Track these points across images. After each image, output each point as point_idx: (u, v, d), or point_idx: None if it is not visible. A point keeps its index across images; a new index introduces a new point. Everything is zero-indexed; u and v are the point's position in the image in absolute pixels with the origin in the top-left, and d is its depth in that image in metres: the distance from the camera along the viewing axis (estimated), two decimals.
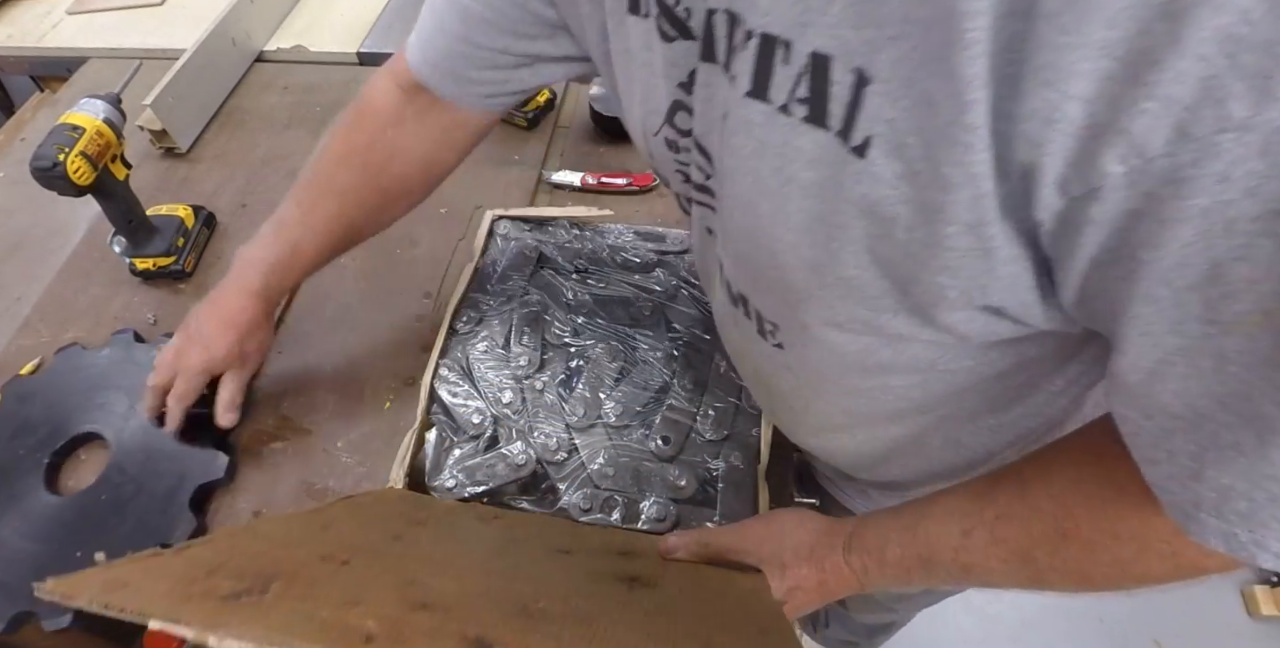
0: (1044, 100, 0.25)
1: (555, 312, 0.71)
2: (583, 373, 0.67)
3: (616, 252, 0.75)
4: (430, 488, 0.62)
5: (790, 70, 0.31)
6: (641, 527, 0.59)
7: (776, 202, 0.35)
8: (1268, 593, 1.38)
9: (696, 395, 0.64)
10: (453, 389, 0.67)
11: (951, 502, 0.45)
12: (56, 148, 0.69)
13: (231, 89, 1.07)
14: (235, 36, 1.06)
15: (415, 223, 0.88)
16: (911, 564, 0.45)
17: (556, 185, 0.92)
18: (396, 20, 1.14)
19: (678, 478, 0.60)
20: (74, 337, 0.78)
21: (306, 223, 0.64)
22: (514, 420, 0.64)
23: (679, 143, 0.44)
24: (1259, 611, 1.37)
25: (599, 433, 0.63)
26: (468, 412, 0.65)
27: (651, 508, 0.60)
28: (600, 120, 0.96)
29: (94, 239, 0.88)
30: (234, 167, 0.97)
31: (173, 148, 0.97)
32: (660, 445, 0.62)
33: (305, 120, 1.02)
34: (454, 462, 0.63)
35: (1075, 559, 0.40)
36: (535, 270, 0.75)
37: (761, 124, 0.34)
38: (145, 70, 0.90)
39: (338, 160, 0.64)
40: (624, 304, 0.71)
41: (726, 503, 0.59)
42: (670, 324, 0.69)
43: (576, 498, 0.60)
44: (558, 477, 0.62)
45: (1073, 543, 0.39)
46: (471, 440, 0.64)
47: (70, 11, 1.21)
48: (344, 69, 1.10)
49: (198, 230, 0.86)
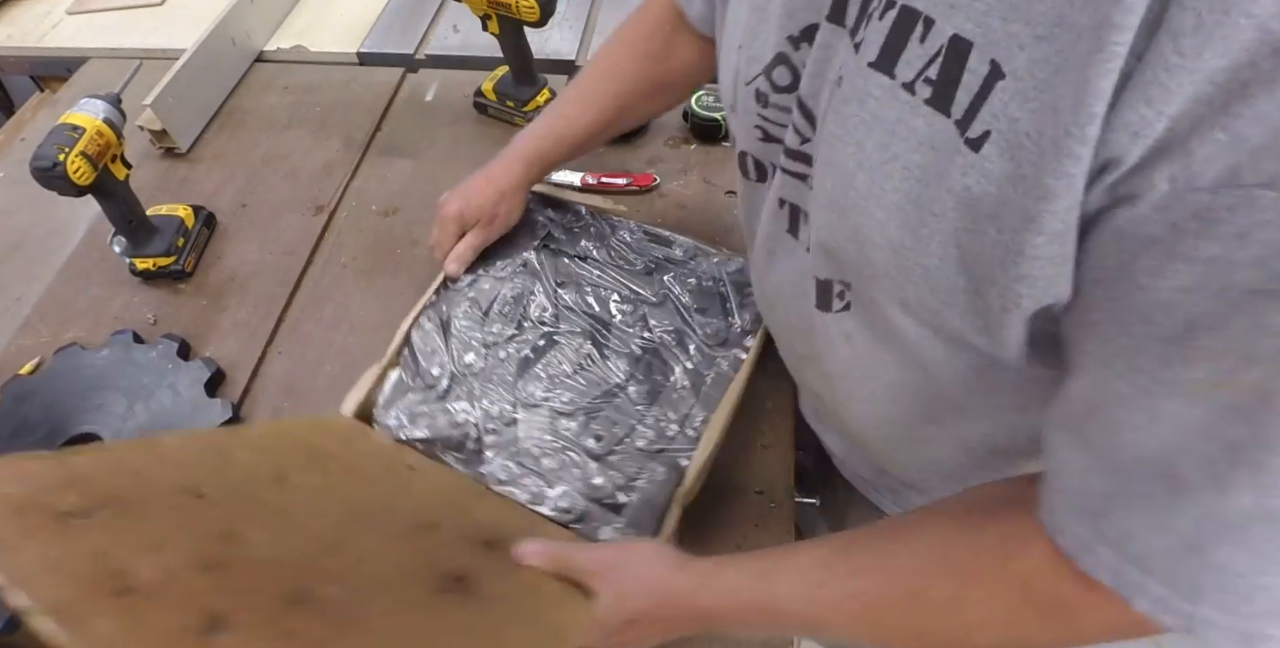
0: (1139, 116, 0.25)
1: (543, 291, 0.72)
2: (546, 355, 0.68)
3: (621, 249, 0.75)
4: (374, 421, 0.66)
5: (925, 49, 0.31)
6: (547, 513, 0.60)
7: (876, 178, 0.35)
8: None
9: (645, 404, 0.64)
10: (426, 338, 0.69)
11: (812, 551, 0.45)
12: (56, 148, 0.69)
13: (231, 89, 1.07)
14: (235, 36, 1.06)
15: (415, 223, 0.88)
16: (761, 610, 0.44)
17: (556, 185, 0.92)
18: (396, 20, 1.14)
19: (596, 475, 0.61)
20: (74, 337, 0.78)
21: (584, 99, 0.70)
22: (469, 382, 0.67)
23: (770, 97, 0.44)
24: None
25: (542, 415, 0.64)
26: (431, 363, 0.68)
27: (563, 498, 0.60)
28: None
29: (94, 239, 0.88)
30: (234, 167, 0.97)
31: (173, 148, 0.97)
32: (593, 442, 0.62)
33: (305, 120, 1.02)
34: (404, 405, 0.66)
35: (921, 620, 0.39)
36: (540, 246, 0.75)
37: (879, 97, 0.33)
38: (145, 70, 0.90)
39: (621, 48, 0.69)
40: (607, 301, 0.71)
41: (634, 515, 0.59)
42: (648, 327, 0.69)
43: (497, 467, 0.62)
44: (489, 444, 0.63)
45: (922, 604, 0.39)
46: (426, 389, 0.66)
47: (70, 11, 1.21)
48: (344, 69, 1.10)
49: (198, 230, 0.86)
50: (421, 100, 1.04)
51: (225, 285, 0.84)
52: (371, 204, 0.91)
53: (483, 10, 0.86)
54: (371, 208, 0.91)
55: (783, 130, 0.44)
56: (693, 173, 0.92)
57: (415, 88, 1.06)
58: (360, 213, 0.91)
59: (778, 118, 0.45)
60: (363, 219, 0.90)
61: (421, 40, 1.11)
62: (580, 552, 0.52)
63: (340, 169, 0.95)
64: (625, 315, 0.70)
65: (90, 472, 0.46)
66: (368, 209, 0.91)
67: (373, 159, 0.97)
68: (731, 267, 0.72)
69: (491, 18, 0.87)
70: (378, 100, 1.03)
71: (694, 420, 0.63)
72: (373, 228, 0.89)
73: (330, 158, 0.97)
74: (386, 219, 0.90)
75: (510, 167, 0.71)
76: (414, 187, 0.93)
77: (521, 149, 0.71)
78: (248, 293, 0.83)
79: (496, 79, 0.98)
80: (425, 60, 1.09)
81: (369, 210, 0.91)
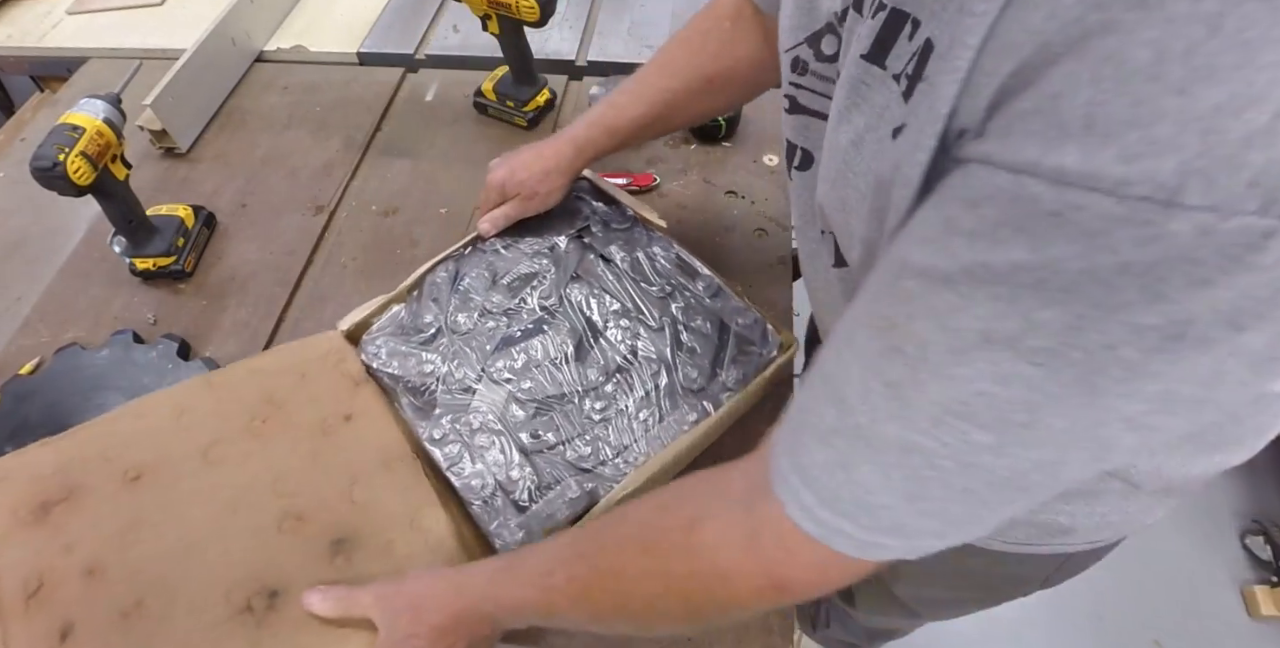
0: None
1: (555, 279, 0.72)
2: (529, 340, 0.68)
3: (647, 265, 0.73)
4: (357, 342, 0.70)
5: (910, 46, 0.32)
6: (458, 484, 0.62)
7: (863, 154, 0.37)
8: (1268, 593, 1.38)
9: (593, 421, 0.64)
10: (434, 287, 0.72)
11: (549, 544, 0.48)
12: (56, 148, 0.69)
13: (231, 89, 1.07)
14: (235, 36, 1.06)
15: (415, 223, 0.88)
16: (521, 606, 0.46)
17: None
18: (396, 20, 1.14)
19: (515, 469, 0.61)
20: (74, 337, 0.78)
21: (635, 91, 0.69)
22: (451, 340, 0.69)
23: (810, 65, 0.44)
24: (1259, 611, 1.37)
25: (500, 394, 0.65)
26: (428, 310, 0.71)
27: (476, 476, 0.62)
28: None
29: (94, 239, 0.88)
30: (234, 166, 0.97)
31: (173, 148, 0.97)
32: (528, 438, 0.63)
33: (305, 120, 1.02)
34: (390, 340, 0.70)
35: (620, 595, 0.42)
36: (575, 235, 0.75)
37: (871, 84, 0.35)
38: (145, 70, 0.90)
39: (678, 41, 0.69)
40: (609, 310, 0.70)
41: (530, 523, 0.59)
42: (634, 349, 0.67)
43: (439, 425, 0.64)
44: (442, 402, 0.66)
45: (620, 581, 0.42)
46: (415, 333, 0.70)
47: (70, 11, 1.21)
48: (344, 69, 1.09)
49: (198, 230, 0.86)
50: (421, 100, 1.04)
51: (225, 285, 0.84)
52: (371, 204, 0.91)
53: (483, 10, 0.86)
54: (371, 208, 0.91)
55: (816, 100, 0.44)
56: (693, 173, 0.92)
57: (415, 88, 1.06)
58: (360, 213, 0.91)
59: (814, 86, 0.44)
60: (363, 219, 0.90)
61: (421, 40, 1.11)
62: (360, 591, 0.53)
63: (340, 169, 0.95)
64: (619, 330, 0.69)
65: (68, 457, 0.60)
66: (368, 209, 0.91)
67: (373, 159, 0.97)
68: (746, 319, 0.69)
69: (491, 18, 0.87)
70: (378, 100, 1.04)
71: (631, 454, 0.62)
72: (373, 228, 0.89)
73: (330, 158, 0.97)
74: (386, 219, 0.90)
75: (560, 148, 0.71)
76: (414, 186, 0.93)
77: (572, 134, 0.71)
78: (248, 293, 0.83)
79: (496, 79, 0.98)
80: (425, 60, 1.09)
81: (369, 210, 0.91)
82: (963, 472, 0.30)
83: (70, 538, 0.56)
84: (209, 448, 0.62)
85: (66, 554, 0.55)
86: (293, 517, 0.59)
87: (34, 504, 0.57)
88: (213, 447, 0.62)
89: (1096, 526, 0.54)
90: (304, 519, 0.59)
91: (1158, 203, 0.22)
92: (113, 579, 0.54)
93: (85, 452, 0.61)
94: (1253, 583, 1.41)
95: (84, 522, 0.57)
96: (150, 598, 0.53)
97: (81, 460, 0.60)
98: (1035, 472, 0.30)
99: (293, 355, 0.69)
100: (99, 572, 0.54)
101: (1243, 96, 0.20)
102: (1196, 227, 0.22)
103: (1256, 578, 1.42)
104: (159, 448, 0.62)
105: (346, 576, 0.56)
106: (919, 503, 0.32)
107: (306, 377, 0.67)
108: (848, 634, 1.11)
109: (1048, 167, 0.23)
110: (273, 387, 0.66)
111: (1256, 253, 0.22)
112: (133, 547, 0.56)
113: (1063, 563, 0.61)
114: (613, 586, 0.42)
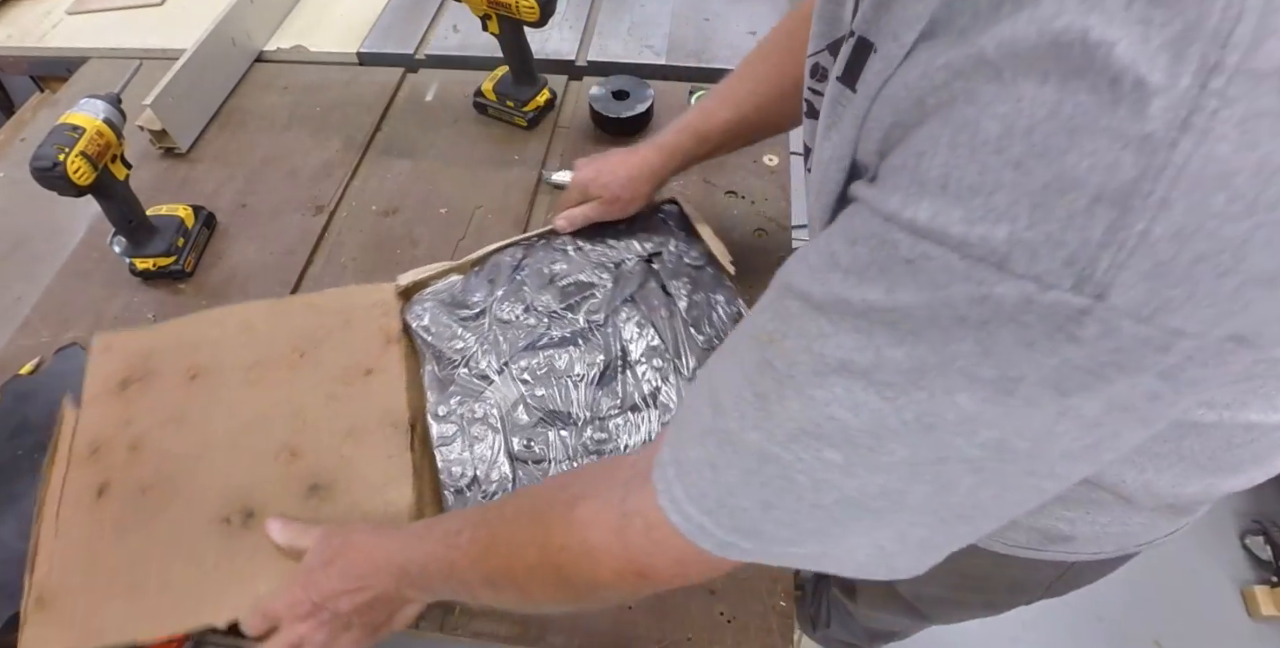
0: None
1: (608, 295, 0.71)
2: (561, 348, 0.67)
3: (701, 314, 0.71)
4: (400, 290, 0.73)
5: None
6: (439, 463, 0.64)
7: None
8: (1267, 593, 1.38)
9: (585, 450, 0.63)
10: (496, 268, 0.74)
11: (466, 510, 0.50)
12: (56, 148, 0.69)
13: (231, 89, 1.07)
14: (235, 36, 1.06)
15: (415, 223, 0.88)
16: (428, 562, 0.48)
17: (557, 186, 0.92)
18: (396, 20, 1.14)
19: (498, 470, 0.62)
20: (74, 337, 0.78)
21: (724, 95, 0.69)
22: (489, 327, 0.69)
23: (829, 72, 0.44)
24: (1259, 611, 1.37)
25: (512, 394, 0.65)
26: (479, 290, 0.72)
27: (458, 464, 0.62)
28: (600, 120, 0.96)
29: (94, 239, 0.88)
30: (234, 167, 0.97)
31: (173, 148, 0.97)
32: (519, 445, 0.63)
33: (305, 120, 1.02)
34: (434, 309, 0.71)
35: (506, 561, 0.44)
36: (646, 259, 0.74)
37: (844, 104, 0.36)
38: (145, 70, 0.90)
39: (769, 44, 0.68)
40: (648, 345, 0.68)
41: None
42: (658, 390, 0.66)
43: (445, 404, 0.65)
44: (460, 381, 0.67)
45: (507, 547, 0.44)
46: (460, 308, 0.71)
47: (70, 11, 1.21)
48: (344, 69, 1.10)
49: (198, 230, 0.86)
50: (421, 100, 1.04)
51: (225, 285, 0.84)
52: (371, 204, 0.91)
53: (483, 10, 0.86)
54: (371, 208, 0.91)
55: None
56: (693, 173, 0.91)
57: (415, 88, 1.06)
58: (360, 213, 0.91)
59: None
60: (363, 219, 0.90)
61: (421, 40, 1.11)
62: (311, 529, 0.57)
63: (340, 169, 0.95)
64: (650, 368, 0.67)
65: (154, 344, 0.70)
66: (368, 209, 0.91)
67: (373, 159, 0.97)
68: None
69: (491, 18, 0.87)
70: (377, 100, 1.04)
71: None
72: (373, 228, 0.89)
73: (330, 158, 0.97)
74: (386, 219, 0.90)
75: (647, 155, 0.71)
76: (414, 187, 0.93)
77: (660, 140, 0.71)
78: (248, 293, 0.83)
79: (496, 79, 0.98)
80: (425, 60, 1.09)
81: (369, 210, 0.91)
82: (814, 487, 0.31)
83: (131, 414, 0.66)
84: (251, 367, 0.68)
85: (124, 427, 0.65)
86: (289, 451, 0.64)
87: (120, 378, 0.68)
88: (254, 367, 0.68)
89: (1097, 535, 0.54)
90: (297, 456, 0.63)
91: (991, 265, 0.23)
92: (145, 459, 0.63)
93: (168, 343, 0.70)
94: (1253, 583, 1.41)
95: (145, 404, 0.66)
96: (162, 484, 0.62)
97: (162, 350, 0.69)
98: (881, 496, 0.31)
99: (345, 300, 0.74)
100: (138, 450, 0.63)
101: (1067, 178, 0.22)
102: (1021, 293, 0.23)
103: (1256, 578, 1.42)
104: (218, 356, 0.69)
105: (314, 517, 0.60)
106: (773, 511, 0.33)
107: (349, 323, 0.71)
108: (848, 634, 1.11)
109: (906, 218, 0.25)
110: (318, 325, 0.71)
111: (1075, 326, 0.23)
112: (169, 437, 0.64)
113: (1064, 572, 0.61)
114: (505, 550, 0.44)
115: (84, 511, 0.61)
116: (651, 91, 0.96)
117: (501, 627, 0.62)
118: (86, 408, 0.67)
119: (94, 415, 0.66)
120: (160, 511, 0.61)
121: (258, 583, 0.57)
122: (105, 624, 0.56)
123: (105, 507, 0.61)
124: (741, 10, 1.13)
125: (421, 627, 0.62)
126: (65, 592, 0.57)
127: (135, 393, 0.67)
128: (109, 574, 0.58)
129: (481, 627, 0.62)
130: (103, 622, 0.56)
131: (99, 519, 0.60)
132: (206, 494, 0.62)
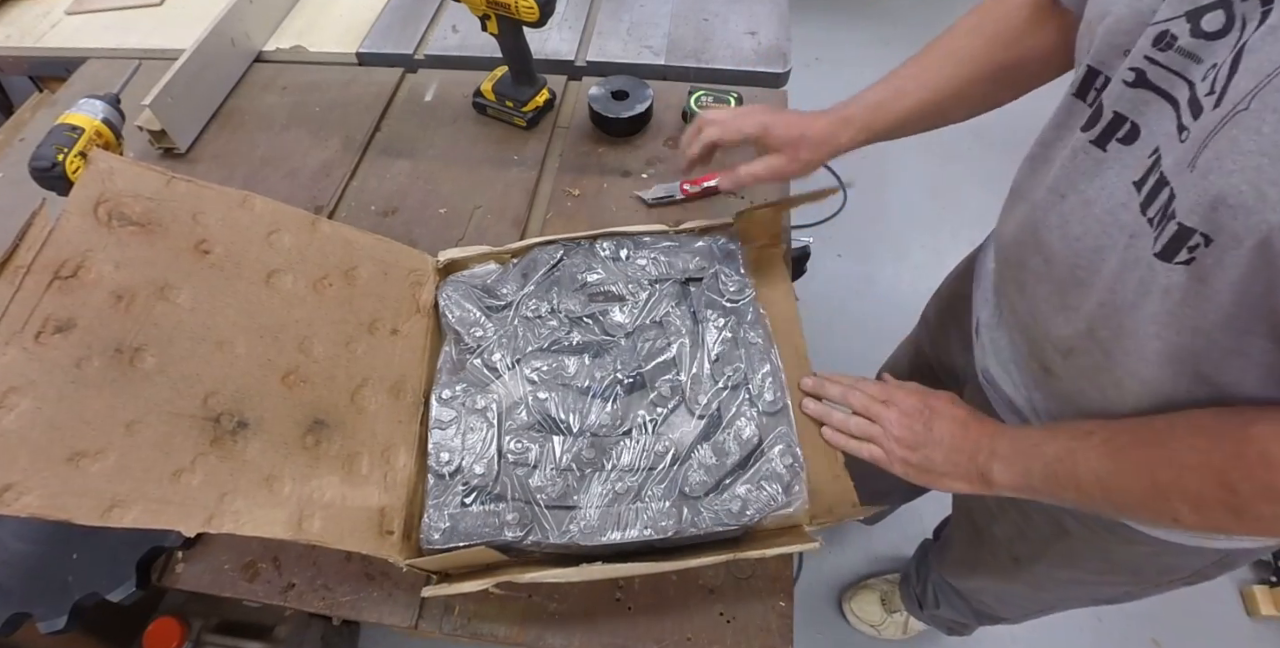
0: None
1: (635, 314, 0.68)
2: (573, 357, 0.66)
3: (729, 351, 0.66)
4: (439, 265, 0.74)
5: None
6: (429, 443, 0.62)
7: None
8: (1267, 593, 1.38)
9: (573, 464, 0.61)
10: (530, 265, 0.72)
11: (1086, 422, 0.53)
12: (56, 148, 0.69)
13: (231, 89, 1.07)
14: (235, 36, 1.06)
15: (414, 223, 0.88)
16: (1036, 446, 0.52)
17: (653, 203, 0.88)
18: (396, 20, 1.14)
19: (484, 466, 0.61)
20: None
21: (917, 76, 0.65)
22: (512, 321, 0.69)
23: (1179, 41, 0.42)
24: (1258, 611, 1.37)
25: (517, 393, 0.64)
26: (512, 282, 0.71)
27: (444, 452, 0.62)
28: (599, 120, 0.96)
29: None
30: (233, 167, 0.97)
31: (172, 148, 0.97)
32: (513, 446, 0.62)
33: (305, 120, 1.02)
34: (464, 293, 0.71)
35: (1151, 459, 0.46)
36: (683, 280, 0.71)
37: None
38: (144, 70, 0.90)
39: (969, 28, 0.65)
40: (664, 379, 0.65)
41: (464, 523, 0.59)
42: (657, 423, 0.62)
43: (450, 389, 0.65)
44: (470, 369, 0.66)
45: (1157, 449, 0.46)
46: (488, 297, 0.71)
47: (69, 11, 1.21)
48: (344, 69, 1.09)
49: None
50: (421, 100, 1.04)
51: None
52: (371, 204, 0.91)
53: (482, 10, 0.86)
54: (371, 208, 0.91)
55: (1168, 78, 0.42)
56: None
57: (415, 88, 1.06)
58: (360, 213, 0.91)
59: (1172, 64, 0.42)
60: (362, 219, 0.90)
61: (421, 40, 1.11)
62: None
63: (339, 169, 0.95)
64: (659, 396, 0.63)
65: (168, 195, 0.58)
66: (367, 209, 0.91)
67: (372, 159, 0.97)
68: (786, 458, 0.61)
69: (491, 18, 0.87)
70: (377, 100, 1.04)
71: (581, 518, 0.58)
72: (372, 228, 0.88)
73: (329, 158, 0.97)
74: (386, 219, 0.90)
75: (830, 119, 0.66)
76: (413, 187, 0.93)
77: (844, 112, 0.66)
78: None
79: (496, 79, 0.98)
80: (424, 60, 1.09)
81: (368, 210, 0.91)
82: None
83: (123, 258, 0.54)
84: (274, 274, 0.62)
85: (111, 268, 0.53)
86: (299, 376, 0.60)
87: (116, 211, 0.55)
88: (278, 274, 0.62)
89: None
90: (307, 383, 0.60)
91: None
92: (131, 314, 0.53)
93: (184, 201, 0.58)
94: (1252, 583, 1.41)
95: (141, 254, 0.55)
96: (150, 351, 0.52)
97: (175, 204, 0.58)
98: None
99: (389, 252, 0.71)
100: (124, 301, 0.53)
101: None
102: None
103: (1256, 578, 1.42)
104: (236, 241, 0.60)
105: (308, 452, 0.57)
106: None
107: (388, 276, 0.69)
108: (956, 614, 1.10)
109: None
110: (356, 263, 0.68)
111: None
112: (162, 301, 0.55)
113: (1220, 559, 0.61)
114: (1152, 453, 0.46)
115: (22, 343, 0.47)
116: (651, 92, 0.96)
117: (501, 628, 0.62)
118: (63, 226, 0.52)
119: (73, 238, 0.52)
120: (139, 379, 0.51)
121: (235, 500, 0.51)
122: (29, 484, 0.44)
123: (60, 348, 0.48)
124: (741, 10, 1.13)
125: (421, 627, 0.62)
126: None
127: (131, 236, 0.54)
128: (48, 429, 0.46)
129: (481, 627, 0.62)
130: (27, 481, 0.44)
131: (47, 360, 0.47)
132: (200, 381, 0.54)
